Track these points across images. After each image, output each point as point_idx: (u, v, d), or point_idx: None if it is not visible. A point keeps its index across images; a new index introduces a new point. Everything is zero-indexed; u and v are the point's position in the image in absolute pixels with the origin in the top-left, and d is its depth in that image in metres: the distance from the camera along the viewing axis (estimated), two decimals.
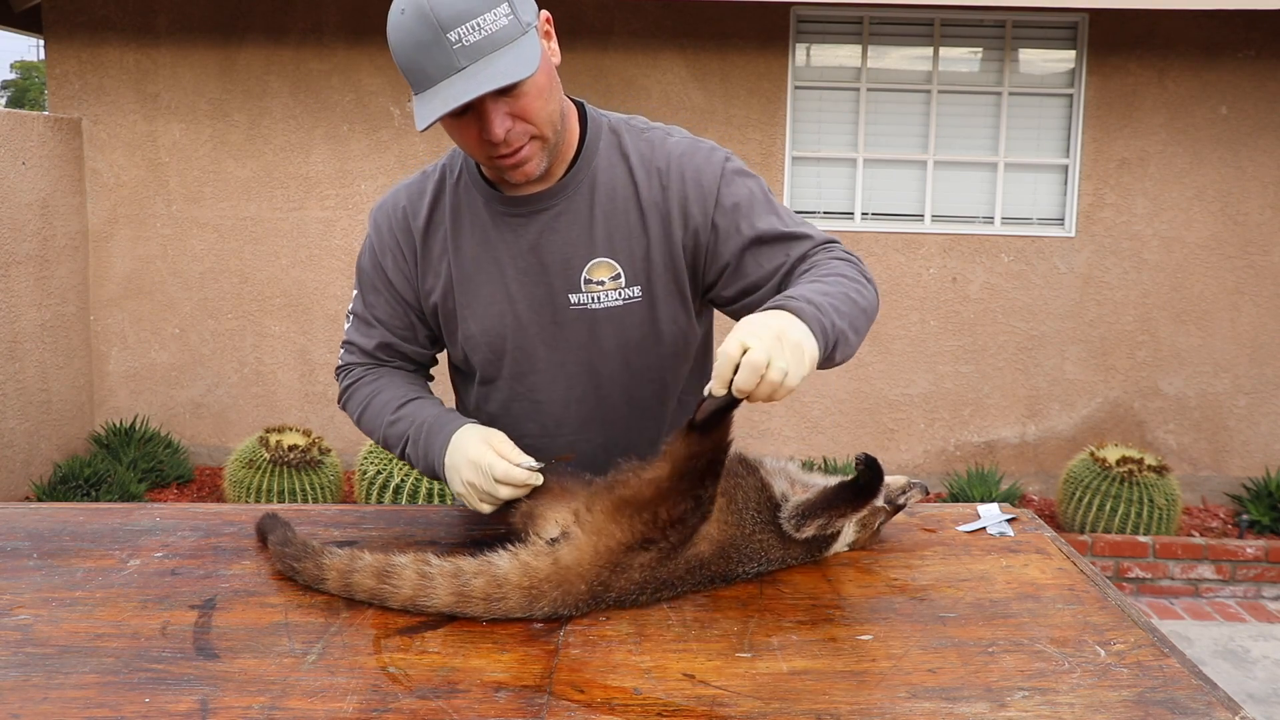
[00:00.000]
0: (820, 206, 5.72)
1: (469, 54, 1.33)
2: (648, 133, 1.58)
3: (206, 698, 1.11)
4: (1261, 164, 5.56)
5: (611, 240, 1.54)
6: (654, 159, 1.55)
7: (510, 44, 1.35)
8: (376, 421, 1.62)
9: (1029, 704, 1.11)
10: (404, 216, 1.61)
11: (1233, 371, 5.70)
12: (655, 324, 1.57)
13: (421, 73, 1.36)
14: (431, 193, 1.60)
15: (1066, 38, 5.58)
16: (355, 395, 1.68)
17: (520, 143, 1.42)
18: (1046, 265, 5.65)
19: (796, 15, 5.54)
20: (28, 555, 1.50)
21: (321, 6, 5.54)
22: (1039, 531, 1.64)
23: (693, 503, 1.33)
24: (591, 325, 1.56)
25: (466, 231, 1.57)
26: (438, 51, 1.33)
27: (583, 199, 1.54)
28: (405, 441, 1.57)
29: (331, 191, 5.66)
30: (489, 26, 1.34)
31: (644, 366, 1.60)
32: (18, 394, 5.13)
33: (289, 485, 4.68)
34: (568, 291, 1.55)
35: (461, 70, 1.34)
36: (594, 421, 1.62)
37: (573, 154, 1.54)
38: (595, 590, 1.30)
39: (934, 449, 5.80)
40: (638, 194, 1.54)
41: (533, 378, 1.60)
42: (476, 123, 1.40)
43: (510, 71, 1.34)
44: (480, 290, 1.57)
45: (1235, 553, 4.78)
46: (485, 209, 1.56)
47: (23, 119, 5.17)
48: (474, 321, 1.59)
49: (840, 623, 1.31)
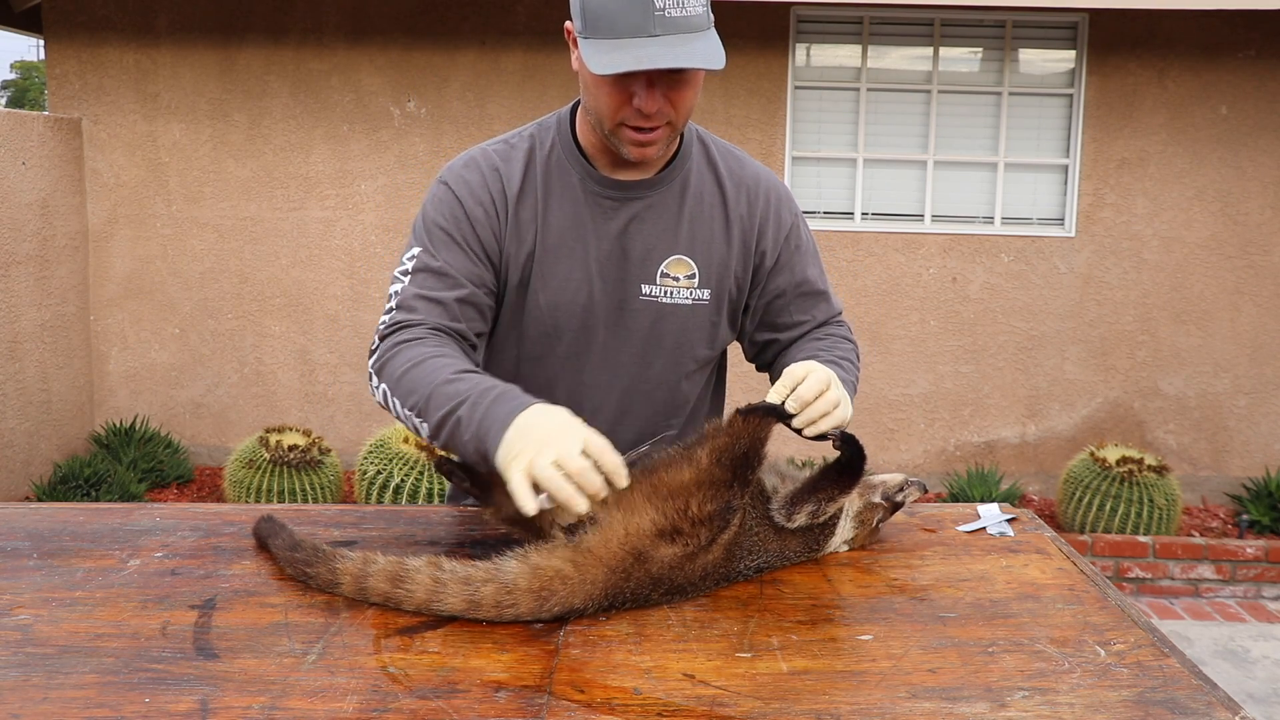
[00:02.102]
0: (820, 206, 5.72)
1: (666, 25, 1.37)
2: (735, 150, 1.68)
3: (206, 698, 1.11)
4: (1261, 164, 5.56)
5: (694, 240, 1.59)
6: (743, 176, 1.64)
7: (703, 32, 1.41)
8: (426, 378, 1.39)
9: (1029, 704, 1.11)
10: (498, 176, 1.58)
11: (1233, 371, 5.70)
12: (714, 329, 1.64)
13: (610, 22, 1.38)
14: (523, 159, 1.59)
15: (1066, 38, 5.58)
16: (404, 353, 1.45)
17: (658, 123, 1.47)
18: (1046, 265, 5.65)
19: (796, 15, 5.54)
20: (28, 555, 1.50)
21: (321, 6, 5.54)
22: (1039, 531, 1.64)
23: (722, 504, 1.34)
24: (655, 319, 1.60)
25: (556, 203, 1.58)
26: (639, 12, 1.37)
27: (674, 196, 1.59)
28: (461, 401, 1.34)
29: (331, 191, 5.66)
30: (691, 9, 1.39)
31: (689, 369, 1.66)
32: (18, 394, 5.13)
33: (289, 485, 4.69)
34: (641, 282, 1.58)
35: (656, 37, 1.37)
36: (629, 414, 1.66)
37: (671, 153, 1.60)
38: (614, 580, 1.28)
39: (934, 449, 5.80)
40: (725, 203, 1.61)
41: (585, 359, 1.62)
42: (634, 89, 1.43)
43: (709, 58, 1.39)
44: (560, 264, 1.58)
45: (1235, 553, 4.78)
46: (579, 185, 1.58)
47: (23, 119, 5.17)
48: (545, 294, 1.59)
49: (840, 623, 1.31)
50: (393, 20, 5.54)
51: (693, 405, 1.72)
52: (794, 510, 1.43)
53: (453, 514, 1.71)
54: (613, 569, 1.30)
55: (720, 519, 1.35)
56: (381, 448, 4.65)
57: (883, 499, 1.54)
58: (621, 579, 1.30)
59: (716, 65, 1.39)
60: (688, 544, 1.33)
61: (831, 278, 1.81)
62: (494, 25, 5.54)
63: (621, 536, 1.31)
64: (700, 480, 1.34)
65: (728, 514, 1.35)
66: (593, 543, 1.31)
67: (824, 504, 1.44)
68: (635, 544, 1.31)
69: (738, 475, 1.36)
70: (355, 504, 4.12)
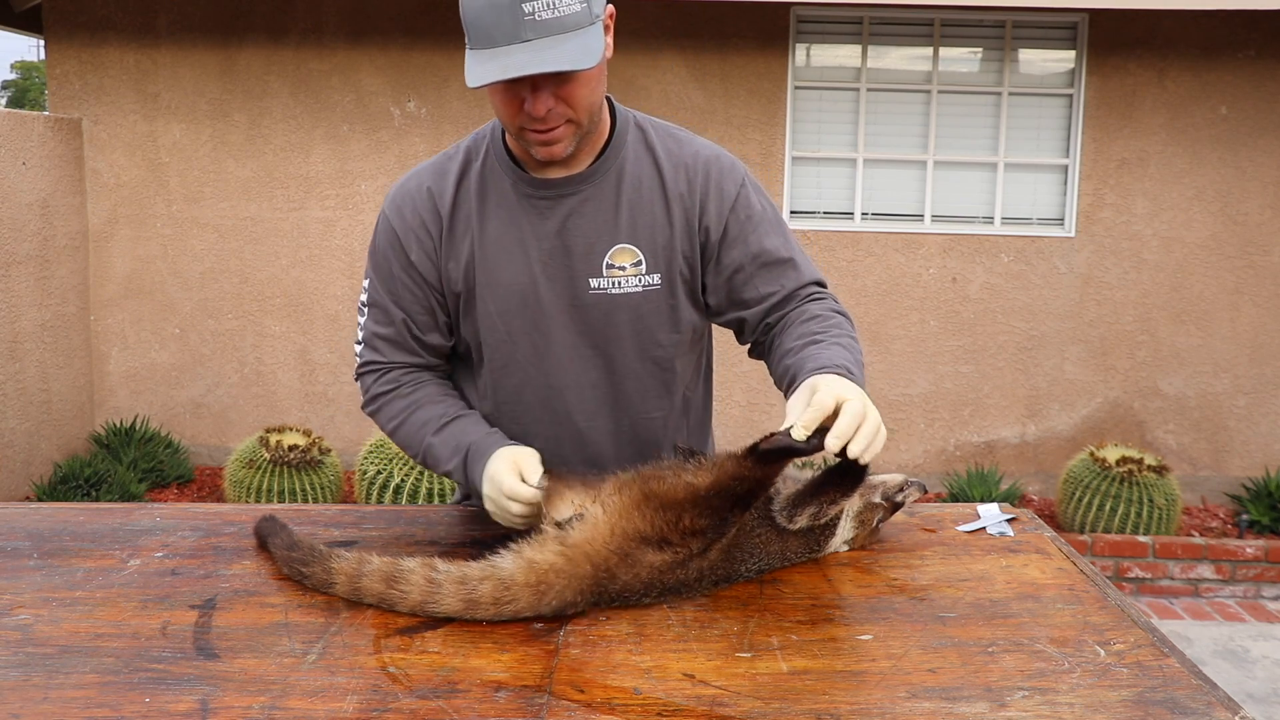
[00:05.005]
0: (820, 206, 5.72)
1: (538, 29, 1.37)
2: (676, 131, 1.65)
3: (206, 698, 1.11)
4: (1261, 164, 5.56)
5: (635, 228, 1.58)
6: (681, 156, 1.61)
7: (579, 30, 1.39)
8: (416, 438, 1.62)
9: (1029, 704, 1.11)
10: (429, 196, 1.61)
11: (1232, 371, 5.70)
12: (673, 312, 1.61)
13: (485, 31, 1.39)
14: (456, 172, 1.61)
15: (1066, 38, 5.59)
16: (389, 407, 1.66)
17: (556, 123, 1.46)
18: (1046, 265, 5.65)
19: (796, 15, 5.54)
20: (28, 555, 1.50)
21: (321, 6, 5.54)
22: (1039, 531, 1.65)
23: (717, 520, 1.33)
24: (610, 310, 1.59)
25: (492, 211, 1.59)
26: (509, 18, 1.36)
27: (609, 186, 1.58)
28: (450, 470, 1.59)
29: (331, 191, 5.66)
30: (563, 8, 1.38)
31: (657, 355, 1.63)
32: (18, 394, 5.13)
33: (289, 485, 4.69)
34: (589, 276, 1.58)
35: (527, 42, 1.37)
36: (605, 408, 1.65)
37: (602, 144, 1.59)
38: (600, 578, 1.30)
39: (934, 449, 5.80)
40: (664, 186, 1.59)
41: (548, 361, 1.62)
42: (522, 94, 1.44)
43: (576, 59, 1.38)
44: (503, 270, 1.59)
45: (1235, 553, 4.78)
46: (513, 190, 1.58)
47: (23, 119, 5.17)
48: (493, 301, 1.60)
49: (840, 623, 1.31)
50: (393, 20, 5.54)
51: (683, 388, 1.70)
52: (796, 512, 1.43)
53: (453, 514, 1.71)
54: (598, 565, 1.30)
55: (715, 531, 1.34)
56: (382, 448, 4.65)
57: (883, 499, 1.54)
58: (606, 578, 1.30)
59: (584, 65, 1.38)
60: (678, 553, 1.33)
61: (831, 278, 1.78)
62: None
63: (606, 536, 1.31)
64: (697, 502, 1.33)
65: (723, 528, 1.35)
66: (579, 539, 1.31)
67: (826, 506, 1.44)
68: (621, 545, 1.31)
69: (738, 506, 1.35)
70: (355, 504, 4.12)
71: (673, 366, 1.66)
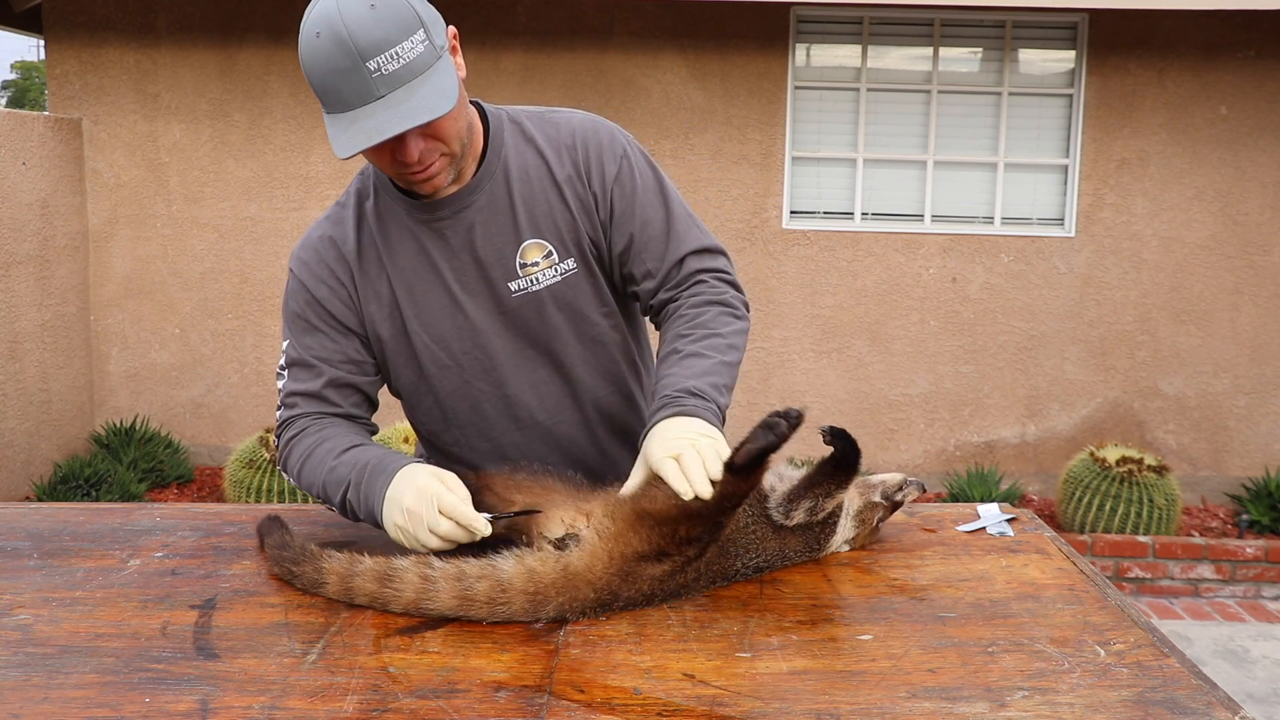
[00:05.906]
0: (820, 206, 5.72)
1: (388, 83, 1.35)
2: (549, 115, 1.64)
3: (206, 698, 1.11)
4: (1261, 164, 5.56)
5: (536, 221, 1.58)
6: (559, 137, 1.60)
7: (427, 71, 1.38)
8: (317, 472, 1.52)
9: (1029, 704, 1.11)
10: (332, 244, 1.60)
11: (1232, 371, 5.71)
12: (596, 290, 1.62)
13: (338, 96, 1.37)
14: (353, 219, 1.61)
15: (1066, 38, 5.59)
16: (295, 450, 1.57)
17: (431, 160, 1.46)
18: (1046, 265, 5.65)
19: (796, 15, 5.54)
20: (28, 555, 1.50)
21: None
22: (1039, 531, 1.65)
23: (711, 524, 1.33)
24: (538, 307, 1.59)
25: (398, 245, 1.59)
26: (355, 79, 1.35)
27: (500, 189, 1.57)
28: (346, 486, 1.47)
29: (331, 191, 5.66)
30: (407, 55, 1.35)
31: (595, 334, 1.64)
32: (18, 394, 5.13)
33: (289, 485, 4.68)
34: (507, 280, 1.58)
35: (381, 98, 1.36)
36: (565, 400, 1.65)
37: (480, 151, 1.58)
38: (603, 599, 1.30)
39: (934, 449, 5.80)
40: (551, 172, 1.58)
41: (496, 372, 1.62)
42: (391, 145, 1.42)
43: (433, 106, 1.37)
44: (426, 299, 1.59)
45: (1235, 553, 4.78)
46: (409, 219, 1.58)
47: (23, 119, 5.17)
48: (425, 332, 1.60)
49: (840, 623, 1.31)
50: None
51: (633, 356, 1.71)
52: (791, 507, 1.43)
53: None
54: (600, 590, 1.30)
55: (710, 535, 1.34)
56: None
57: (882, 498, 1.54)
58: (609, 598, 1.30)
59: (443, 110, 1.37)
60: (676, 561, 1.33)
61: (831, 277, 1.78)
62: (494, 25, 5.54)
63: (606, 562, 1.31)
64: (690, 515, 1.32)
65: (716, 531, 1.35)
66: (580, 567, 1.30)
67: (821, 500, 1.44)
68: (620, 567, 1.31)
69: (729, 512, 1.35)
70: None
71: (614, 341, 1.67)
